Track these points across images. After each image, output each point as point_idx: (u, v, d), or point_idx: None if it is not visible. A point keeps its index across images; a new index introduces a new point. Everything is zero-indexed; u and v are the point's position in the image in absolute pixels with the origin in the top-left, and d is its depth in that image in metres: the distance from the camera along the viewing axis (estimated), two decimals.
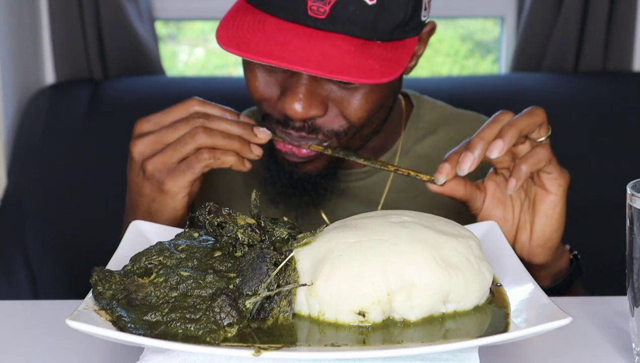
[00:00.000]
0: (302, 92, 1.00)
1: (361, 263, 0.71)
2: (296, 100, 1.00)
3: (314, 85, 1.01)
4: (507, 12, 2.13)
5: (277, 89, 1.04)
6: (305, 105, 1.00)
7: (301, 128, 1.03)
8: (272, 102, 1.05)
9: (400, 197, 1.20)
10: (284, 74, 1.03)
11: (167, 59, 2.24)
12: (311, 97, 1.01)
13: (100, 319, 0.70)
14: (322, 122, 1.04)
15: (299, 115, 1.01)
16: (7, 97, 1.76)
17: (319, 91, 1.02)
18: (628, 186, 0.76)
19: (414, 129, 1.23)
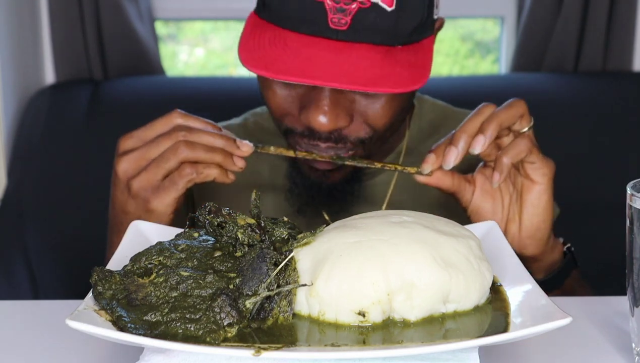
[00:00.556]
0: (327, 104, 0.99)
1: (361, 263, 0.71)
2: (321, 112, 0.99)
3: (338, 96, 1.01)
4: (507, 12, 2.13)
5: (297, 103, 1.04)
6: (331, 117, 1.00)
7: (328, 139, 1.03)
8: (294, 116, 1.04)
9: (403, 198, 1.20)
10: (304, 88, 1.02)
11: (167, 59, 2.24)
12: (336, 109, 1.00)
13: (100, 319, 0.70)
14: (348, 132, 1.04)
15: (325, 127, 1.00)
16: (7, 97, 1.76)
17: (343, 102, 1.01)
18: (628, 186, 0.76)
19: (417, 128, 1.24)
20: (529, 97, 1.82)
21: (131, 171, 1.01)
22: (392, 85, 0.96)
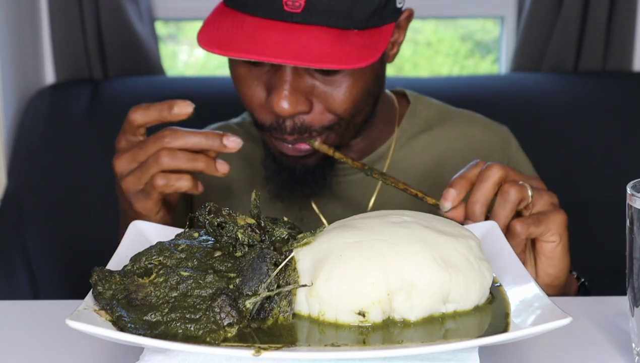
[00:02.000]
0: (287, 88, 1.03)
1: (361, 263, 0.71)
2: (281, 97, 1.03)
3: (297, 81, 1.04)
4: (507, 12, 2.13)
5: (264, 91, 1.07)
6: (290, 101, 1.03)
7: (293, 130, 1.06)
8: (263, 108, 1.07)
9: (393, 189, 1.20)
10: (268, 75, 1.06)
11: (167, 59, 2.24)
12: (296, 93, 1.03)
13: (100, 319, 0.70)
14: (311, 120, 1.06)
15: (285, 111, 1.03)
16: (7, 97, 1.76)
17: (302, 87, 1.04)
18: (628, 186, 0.76)
19: (410, 124, 1.24)
20: (529, 97, 1.83)
21: (124, 170, 1.03)
22: (336, 62, 0.98)
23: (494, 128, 1.29)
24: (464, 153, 1.25)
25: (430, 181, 1.23)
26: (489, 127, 1.28)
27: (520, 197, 0.95)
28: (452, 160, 1.24)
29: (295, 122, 1.05)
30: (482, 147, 1.25)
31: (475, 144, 1.25)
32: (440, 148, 1.24)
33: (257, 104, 1.08)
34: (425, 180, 1.22)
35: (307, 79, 1.04)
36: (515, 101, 1.81)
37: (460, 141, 1.25)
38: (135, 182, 1.00)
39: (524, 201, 0.96)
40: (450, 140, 1.25)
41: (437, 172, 1.23)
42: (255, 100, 1.08)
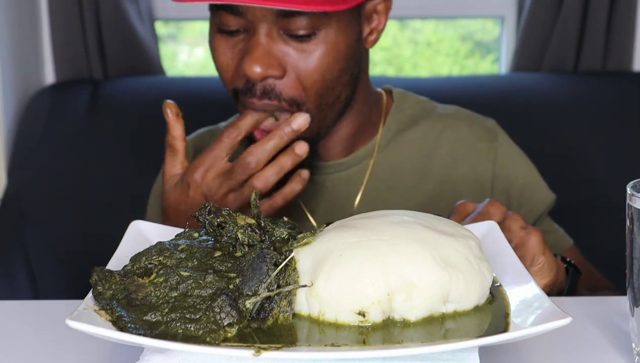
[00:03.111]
0: (260, 51, 1.05)
1: (361, 263, 0.71)
2: (253, 60, 1.05)
3: (271, 45, 1.06)
4: (507, 12, 2.13)
5: (238, 57, 1.09)
6: (262, 64, 1.05)
7: (263, 93, 1.07)
8: (237, 73, 1.09)
9: (379, 186, 1.21)
10: (243, 40, 1.08)
11: (167, 59, 2.24)
12: (268, 57, 1.06)
13: (100, 319, 0.70)
14: (281, 87, 1.08)
15: (256, 74, 1.05)
16: (7, 97, 1.76)
17: (275, 52, 1.06)
18: (628, 186, 0.76)
19: (395, 121, 1.24)
20: (529, 97, 1.83)
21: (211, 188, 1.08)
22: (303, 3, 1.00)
23: (479, 121, 1.28)
24: (451, 146, 1.24)
25: (419, 176, 1.22)
26: (475, 120, 1.28)
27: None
28: (439, 154, 1.24)
29: (265, 86, 1.07)
30: (468, 140, 1.25)
31: (461, 137, 1.25)
32: (427, 143, 1.24)
33: (232, 70, 1.10)
34: (412, 175, 1.22)
35: (281, 44, 1.06)
36: (515, 101, 1.81)
37: (446, 134, 1.25)
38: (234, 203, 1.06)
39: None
40: (436, 133, 1.25)
41: (425, 167, 1.23)
42: (230, 67, 1.10)
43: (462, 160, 1.24)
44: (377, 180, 1.22)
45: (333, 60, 1.08)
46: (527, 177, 1.25)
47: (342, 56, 1.09)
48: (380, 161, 1.22)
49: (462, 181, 1.22)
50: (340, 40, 1.08)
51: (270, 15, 1.04)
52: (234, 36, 1.09)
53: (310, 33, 1.06)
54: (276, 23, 1.05)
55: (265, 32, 1.05)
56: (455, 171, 1.23)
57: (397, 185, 1.22)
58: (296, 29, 1.05)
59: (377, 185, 1.22)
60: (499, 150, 1.25)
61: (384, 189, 1.21)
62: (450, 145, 1.24)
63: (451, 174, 1.23)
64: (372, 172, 1.21)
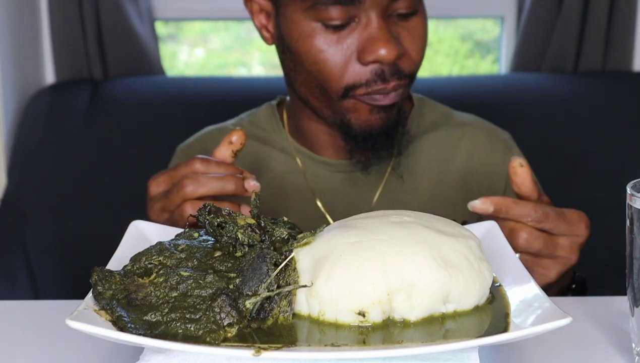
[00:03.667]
0: (386, 34, 1.08)
1: (361, 263, 0.71)
2: (384, 42, 1.07)
3: (388, 28, 1.09)
4: (507, 12, 2.13)
5: (352, 49, 1.09)
6: (392, 46, 1.08)
7: (392, 74, 1.09)
8: (354, 66, 1.09)
9: (398, 188, 1.22)
10: (355, 31, 1.08)
11: (167, 59, 2.24)
12: (392, 38, 1.09)
13: (100, 319, 0.70)
14: (403, 65, 1.11)
15: (391, 57, 1.07)
16: (7, 97, 1.76)
17: (393, 32, 1.10)
18: (628, 186, 0.76)
19: (415, 125, 1.25)
20: (529, 97, 1.83)
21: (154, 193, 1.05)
22: None
23: (496, 133, 1.30)
24: (468, 154, 1.25)
25: (436, 180, 1.23)
26: (492, 131, 1.30)
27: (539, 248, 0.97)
28: (456, 161, 1.25)
29: (392, 67, 1.09)
30: (485, 149, 1.26)
31: (478, 145, 1.26)
32: (445, 148, 1.25)
33: (344, 66, 1.09)
34: (430, 179, 1.23)
35: (393, 26, 1.10)
36: (515, 101, 1.81)
37: (464, 142, 1.26)
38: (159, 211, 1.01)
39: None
40: (454, 140, 1.26)
41: (442, 172, 1.24)
42: (341, 63, 1.09)
43: (478, 168, 1.25)
44: (395, 183, 1.22)
45: (427, 35, 1.15)
46: None
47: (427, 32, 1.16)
48: (399, 164, 1.23)
49: (477, 189, 1.23)
50: (426, 17, 1.15)
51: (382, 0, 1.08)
52: (340, 30, 1.09)
53: (414, 11, 1.11)
54: (386, 8, 1.08)
55: (379, 17, 1.08)
56: (471, 178, 1.24)
57: (415, 189, 1.22)
58: (404, 8, 1.09)
59: (396, 187, 1.22)
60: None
61: (402, 192, 1.22)
62: (467, 153, 1.26)
63: (467, 181, 1.24)
64: (391, 174, 1.22)
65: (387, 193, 1.22)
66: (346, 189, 1.22)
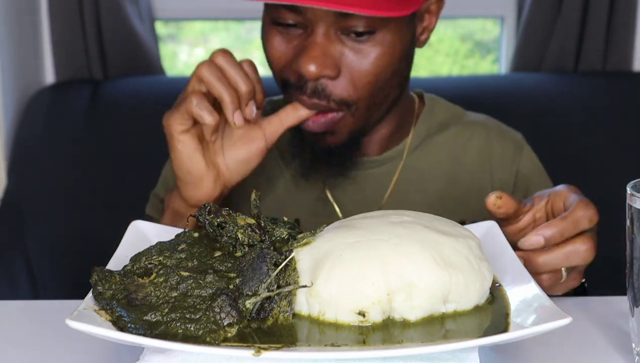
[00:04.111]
0: (316, 50, 1.05)
1: (361, 263, 0.71)
2: (310, 58, 1.04)
3: (327, 45, 1.05)
4: (507, 12, 2.13)
5: (292, 52, 1.08)
6: (318, 63, 1.04)
7: (313, 92, 1.06)
8: (289, 67, 1.09)
9: (408, 188, 1.21)
10: (300, 36, 1.07)
11: (167, 59, 2.24)
12: (324, 57, 1.05)
13: (100, 319, 0.70)
14: (333, 87, 1.07)
15: (311, 73, 1.04)
16: (7, 97, 1.76)
17: (332, 52, 1.06)
18: (628, 186, 0.76)
19: (426, 126, 1.25)
20: (529, 97, 1.83)
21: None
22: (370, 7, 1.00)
23: (507, 132, 1.29)
24: (478, 154, 1.25)
25: (446, 180, 1.23)
26: (504, 132, 1.29)
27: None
28: (466, 161, 1.25)
29: (317, 85, 1.06)
30: (495, 150, 1.26)
31: (488, 146, 1.26)
32: (455, 148, 1.25)
33: (284, 63, 1.09)
34: (440, 179, 1.23)
35: (338, 45, 1.06)
36: (515, 101, 1.81)
37: (474, 142, 1.26)
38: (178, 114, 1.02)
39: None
40: (465, 140, 1.26)
41: (452, 172, 1.24)
42: (282, 60, 1.09)
43: (488, 169, 1.25)
44: (405, 182, 1.22)
45: (388, 62, 1.08)
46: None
47: (396, 58, 1.09)
48: (409, 163, 1.23)
49: (487, 189, 1.23)
50: (397, 42, 1.08)
51: (330, 14, 1.04)
52: (289, 30, 1.08)
53: (369, 31, 1.05)
54: (335, 22, 1.05)
55: (323, 32, 1.05)
56: (482, 178, 1.24)
57: (425, 188, 1.22)
58: (355, 27, 1.05)
59: (406, 186, 1.22)
60: (521, 164, 1.26)
61: (412, 191, 1.22)
62: (477, 153, 1.25)
63: (477, 181, 1.24)
64: (401, 174, 1.22)
65: (397, 193, 1.21)
66: (357, 186, 1.21)
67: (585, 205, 0.92)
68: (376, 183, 1.22)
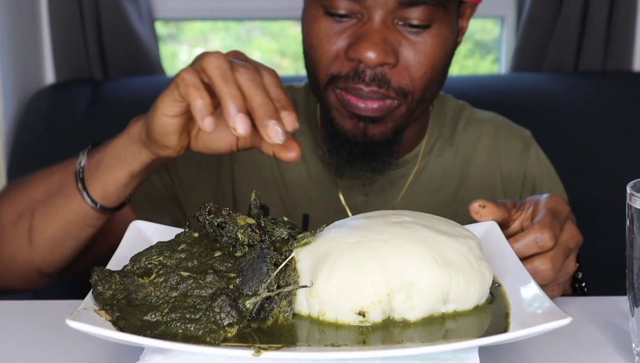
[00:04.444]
0: (376, 37, 1.04)
1: (361, 263, 0.71)
2: (371, 45, 1.03)
3: (387, 32, 1.05)
4: (507, 12, 2.13)
5: (346, 41, 1.07)
6: (379, 50, 1.03)
7: (372, 80, 1.06)
8: (341, 58, 1.07)
9: (420, 190, 1.21)
10: (354, 26, 1.06)
11: (167, 59, 2.24)
12: (385, 44, 1.04)
13: (100, 319, 0.70)
14: (392, 75, 1.06)
15: (373, 60, 1.03)
16: (7, 97, 1.76)
17: (392, 39, 1.05)
18: (628, 186, 0.76)
19: (437, 126, 1.25)
20: (529, 97, 1.83)
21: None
22: None
23: (515, 130, 1.29)
24: (487, 153, 1.25)
25: (457, 182, 1.23)
26: (511, 129, 1.29)
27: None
28: (476, 161, 1.25)
29: (376, 73, 1.05)
30: (503, 148, 1.26)
31: (497, 144, 1.26)
32: (465, 148, 1.25)
33: (333, 55, 1.07)
34: (451, 182, 1.23)
35: (396, 33, 1.06)
36: (515, 101, 1.81)
37: (483, 141, 1.26)
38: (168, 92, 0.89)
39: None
40: (474, 139, 1.26)
41: (463, 173, 1.24)
42: (332, 51, 1.07)
43: (497, 168, 1.25)
44: (418, 185, 1.22)
45: (442, 54, 1.08)
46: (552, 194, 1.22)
47: (448, 51, 1.10)
48: (422, 167, 1.23)
49: (496, 189, 1.23)
50: (449, 36, 1.09)
51: (390, 2, 1.04)
52: (341, 21, 1.07)
53: (425, 25, 1.06)
54: (394, 11, 1.05)
55: (382, 19, 1.05)
56: (491, 178, 1.24)
57: (436, 191, 1.22)
58: (413, 19, 1.05)
59: (419, 189, 1.22)
60: (529, 162, 1.26)
61: (424, 194, 1.22)
62: (486, 152, 1.25)
63: (487, 180, 1.24)
64: (415, 177, 1.22)
65: (409, 196, 1.21)
66: (371, 188, 1.21)
67: (541, 228, 0.87)
68: (390, 186, 1.22)
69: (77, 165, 1.06)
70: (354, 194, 1.21)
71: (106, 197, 1.03)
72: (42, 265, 1.09)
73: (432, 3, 1.05)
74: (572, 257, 0.91)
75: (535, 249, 0.87)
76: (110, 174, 1.01)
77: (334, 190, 1.21)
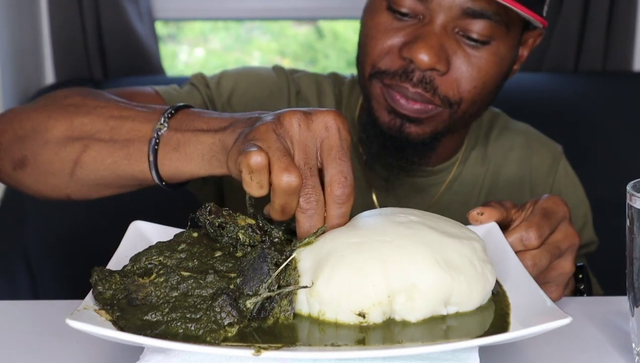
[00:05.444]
0: (433, 40, 1.03)
1: (362, 264, 0.71)
2: (427, 47, 1.02)
3: (445, 38, 1.04)
4: None
5: (402, 39, 1.06)
6: (433, 53, 1.03)
7: (419, 82, 1.05)
8: (394, 55, 1.06)
9: (452, 199, 1.22)
10: (414, 26, 1.05)
11: (167, 59, 2.24)
12: (440, 49, 1.03)
13: (100, 319, 0.70)
14: (440, 82, 1.05)
15: (425, 63, 1.03)
16: (7, 97, 1.76)
17: (448, 46, 1.04)
18: (628, 186, 0.76)
19: (474, 136, 1.25)
20: (529, 97, 1.83)
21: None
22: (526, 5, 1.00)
23: (547, 144, 1.29)
24: (517, 165, 1.26)
25: (487, 193, 1.23)
26: (543, 143, 1.29)
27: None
28: (506, 172, 1.25)
29: (425, 75, 1.05)
30: (533, 161, 1.26)
31: (527, 157, 1.26)
32: (497, 159, 1.25)
33: (388, 49, 1.07)
34: (482, 192, 1.23)
35: (453, 42, 1.05)
36: (516, 101, 1.81)
37: (514, 153, 1.26)
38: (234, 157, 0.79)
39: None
40: (506, 150, 1.26)
41: (493, 184, 1.24)
42: (384, 46, 1.06)
43: (525, 180, 1.25)
44: (450, 193, 1.22)
45: (496, 73, 1.07)
46: (574, 210, 1.21)
47: (502, 72, 1.09)
48: (457, 175, 1.23)
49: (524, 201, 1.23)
50: (507, 57, 1.08)
51: (455, 9, 1.03)
52: (402, 19, 1.06)
53: (484, 40, 1.05)
54: (456, 19, 1.04)
55: (443, 24, 1.04)
56: (520, 190, 1.24)
57: (467, 201, 1.22)
58: (474, 32, 1.04)
59: (450, 198, 1.22)
60: (556, 176, 1.26)
61: (455, 203, 1.21)
62: (517, 164, 1.25)
63: (515, 192, 1.24)
64: (448, 185, 1.22)
65: (440, 204, 1.21)
66: (403, 192, 1.21)
67: (527, 227, 0.88)
68: (422, 193, 1.21)
69: (155, 132, 0.91)
70: (389, 198, 1.20)
71: (175, 179, 0.92)
72: (74, 195, 1.00)
73: (496, 20, 1.03)
74: (568, 257, 0.91)
75: (520, 247, 0.88)
76: (188, 165, 0.89)
77: (368, 192, 1.20)
